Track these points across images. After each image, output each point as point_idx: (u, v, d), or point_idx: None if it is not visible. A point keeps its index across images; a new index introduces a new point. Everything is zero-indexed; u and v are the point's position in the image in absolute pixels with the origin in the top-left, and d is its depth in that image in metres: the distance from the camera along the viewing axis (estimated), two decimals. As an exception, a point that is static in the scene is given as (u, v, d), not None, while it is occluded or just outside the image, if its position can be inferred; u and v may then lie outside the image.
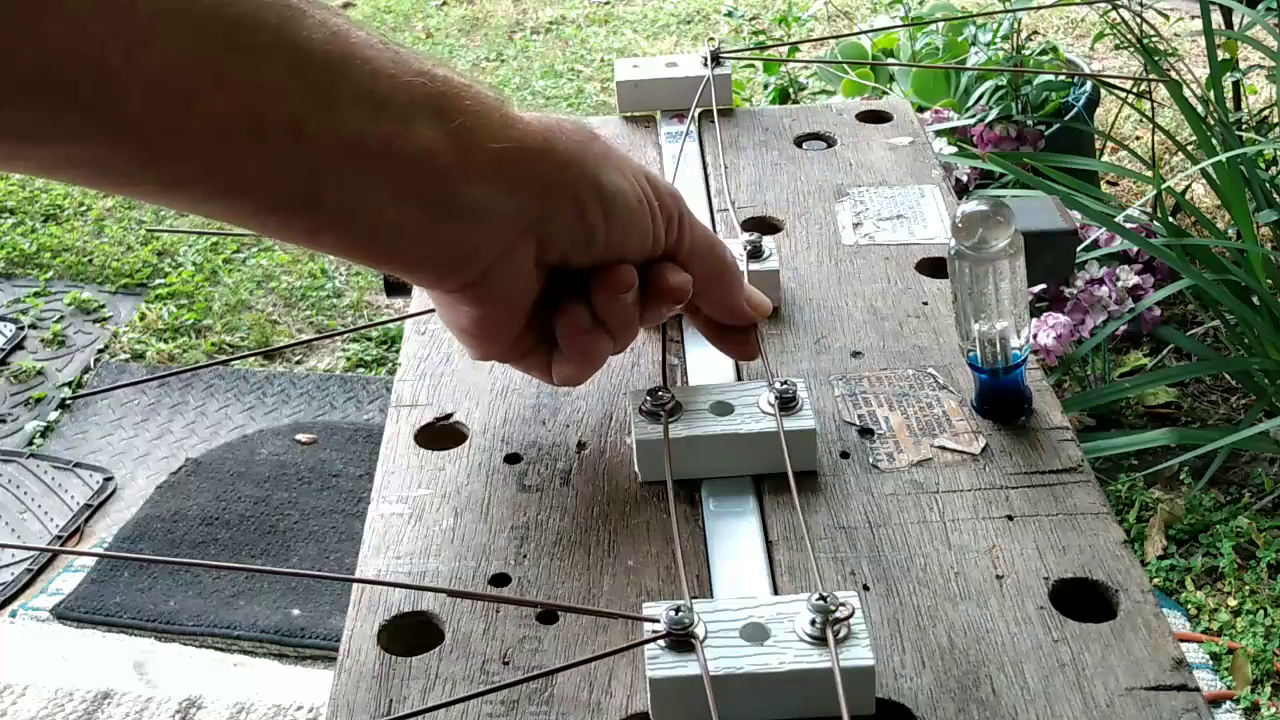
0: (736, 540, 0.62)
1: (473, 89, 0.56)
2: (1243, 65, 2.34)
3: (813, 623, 0.53)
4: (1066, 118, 2.30)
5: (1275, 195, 2.04)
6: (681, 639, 0.53)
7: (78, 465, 2.18)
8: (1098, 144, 2.50)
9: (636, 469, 0.66)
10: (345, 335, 2.49)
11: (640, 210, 0.61)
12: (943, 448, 0.67)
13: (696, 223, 0.65)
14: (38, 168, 0.50)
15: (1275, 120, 2.30)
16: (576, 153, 0.59)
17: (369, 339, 2.46)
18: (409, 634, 0.59)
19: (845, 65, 2.45)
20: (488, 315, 0.61)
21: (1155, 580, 1.80)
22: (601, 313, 0.62)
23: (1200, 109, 2.03)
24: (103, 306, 2.61)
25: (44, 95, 0.45)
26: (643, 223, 0.61)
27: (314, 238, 0.56)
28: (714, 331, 0.69)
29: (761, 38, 2.93)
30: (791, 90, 2.55)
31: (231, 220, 0.54)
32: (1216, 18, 2.25)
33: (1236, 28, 2.33)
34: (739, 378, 0.73)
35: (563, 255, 0.60)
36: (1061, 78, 2.34)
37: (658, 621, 0.54)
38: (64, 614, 1.85)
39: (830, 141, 0.96)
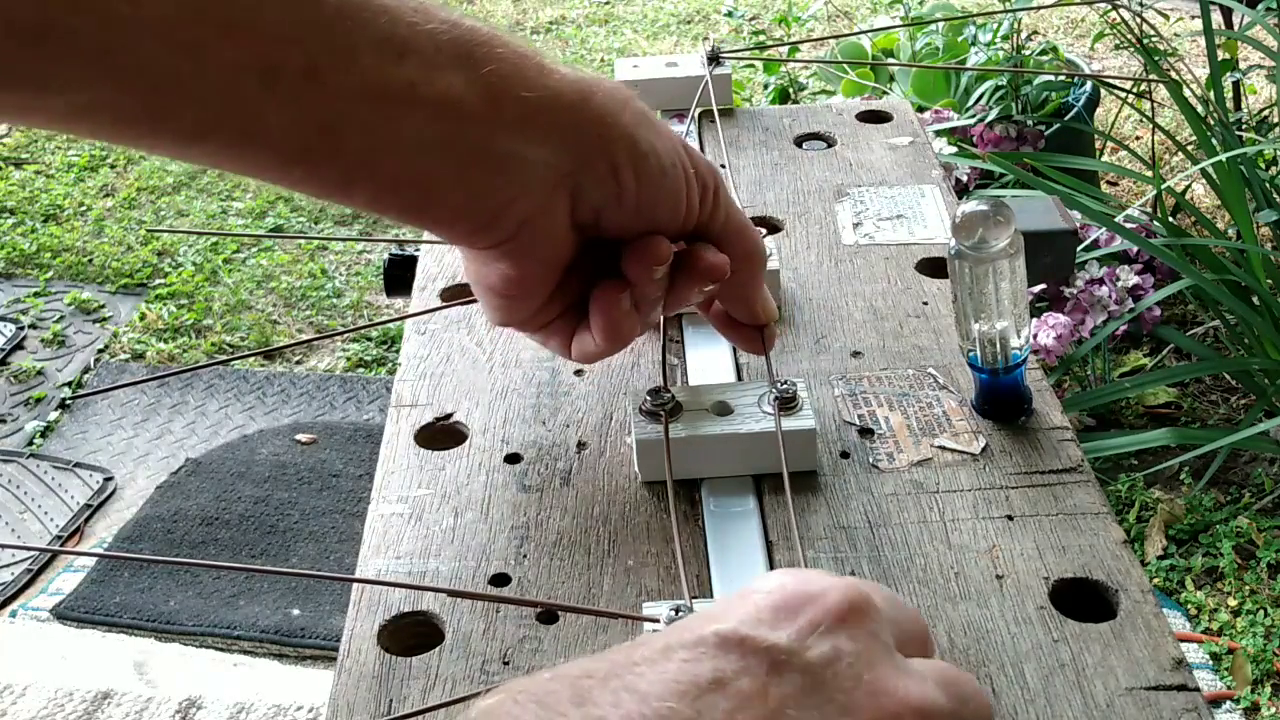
0: (736, 540, 0.62)
1: (505, 38, 0.55)
2: (1243, 65, 2.34)
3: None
4: (1066, 118, 2.30)
5: (1275, 195, 2.04)
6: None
7: (78, 465, 2.18)
8: (1098, 144, 2.50)
9: (636, 469, 0.66)
10: (345, 335, 2.49)
11: (674, 175, 0.59)
12: (943, 448, 0.67)
13: (733, 203, 0.63)
14: (56, 119, 0.49)
15: (1275, 120, 2.30)
16: (613, 108, 0.57)
17: (369, 339, 2.46)
18: (409, 634, 0.59)
19: (845, 65, 2.46)
20: (521, 274, 0.59)
21: (1155, 580, 1.80)
22: (633, 284, 0.60)
23: (1200, 109, 2.03)
24: (103, 306, 2.61)
25: (50, 42, 0.45)
26: (676, 187, 0.59)
27: (345, 191, 0.55)
28: (724, 322, 0.68)
29: (761, 38, 2.93)
30: (791, 90, 2.55)
31: (259, 175, 0.53)
32: (1216, 18, 2.25)
33: (1236, 28, 2.33)
34: (739, 378, 0.73)
35: (595, 213, 0.58)
36: (1061, 78, 2.34)
37: (658, 621, 0.54)
38: (64, 614, 1.85)
39: (830, 141, 0.96)
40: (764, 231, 0.79)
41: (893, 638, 0.39)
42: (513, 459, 0.68)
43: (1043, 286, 1.96)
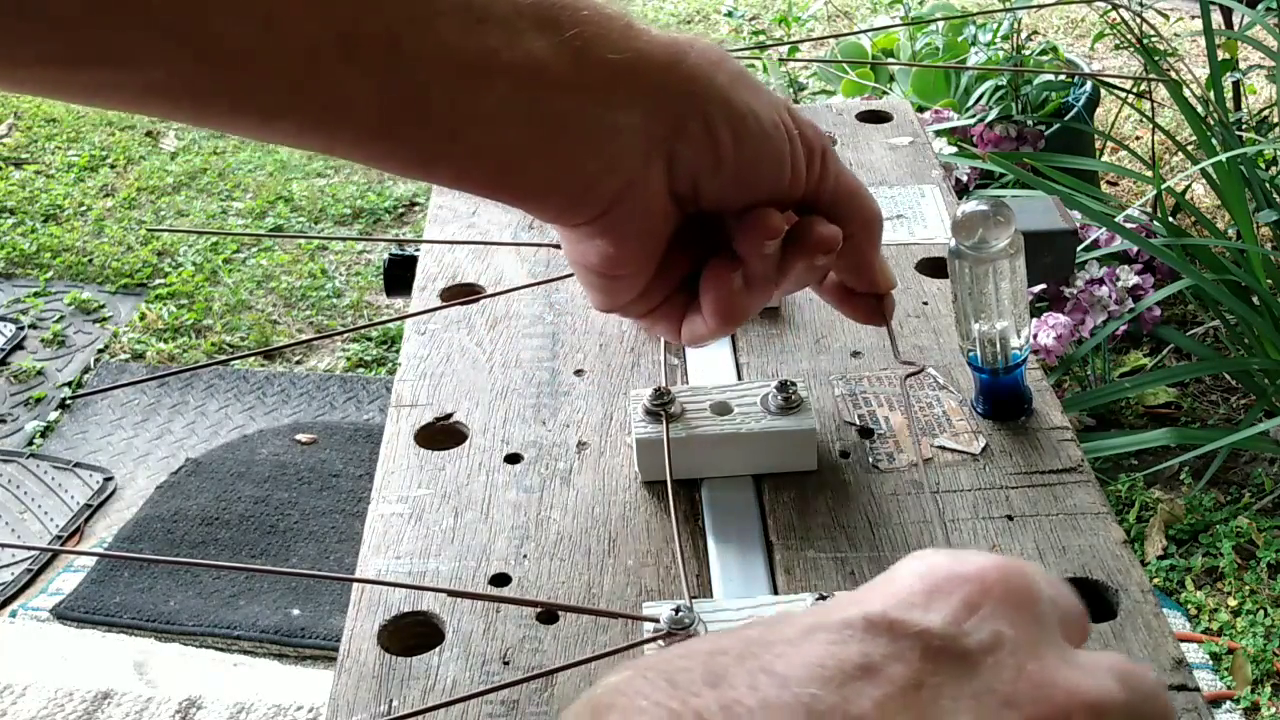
0: (736, 540, 0.62)
1: (590, 0, 0.53)
2: (1243, 65, 2.34)
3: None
4: (1066, 118, 2.30)
5: (1275, 195, 2.04)
6: (682, 639, 0.53)
7: (78, 465, 2.18)
8: (1098, 144, 2.50)
9: (636, 469, 0.66)
10: (345, 335, 2.49)
11: (776, 136, 0.55)
12: (943, 448, 0.67)
13: (843, 166, 0.59)
14: (131, 98, 0.48)
15: (1275, 120, 2.30)
16: (706, 68, 0.54)
17: (369, 339, 2.46)
18: (409, 634, 0.59)
19: (845, 65, 2.46)
20: (621, 252, 0.56)
21: (1155, 580, 1.80)
22: (744, 261, 0.57)
23: (1200, 109, 2.03)
24: (103, 306, 2.61)
25: (119, 16, 0.44)
26: (778, 150, 0.55)
27: (429, 166, 0.53)
28: (839, 294, 0.64)
29: (761, 38, 2.93)
30: (791, 90, 2.55)
31: (342, 152, 0.52)
32: (1216, 18, 2.25)
33: (1236, 28, 2.33)
34: (739, 378, 0.73)
35: (693, 181, 0.54)
36: (1061, 78, 2.34)
37: (658, 621, 0.54)
38: (64, 614, 1.85)
39: (830, 141, 0.96)
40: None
41: (1057, 624, 0.35)
42: (513, 459, 0.68)
43: (1043, 286, 1.97)
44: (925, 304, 0.78)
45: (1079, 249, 1.90)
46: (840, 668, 0.32)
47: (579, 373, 0.74)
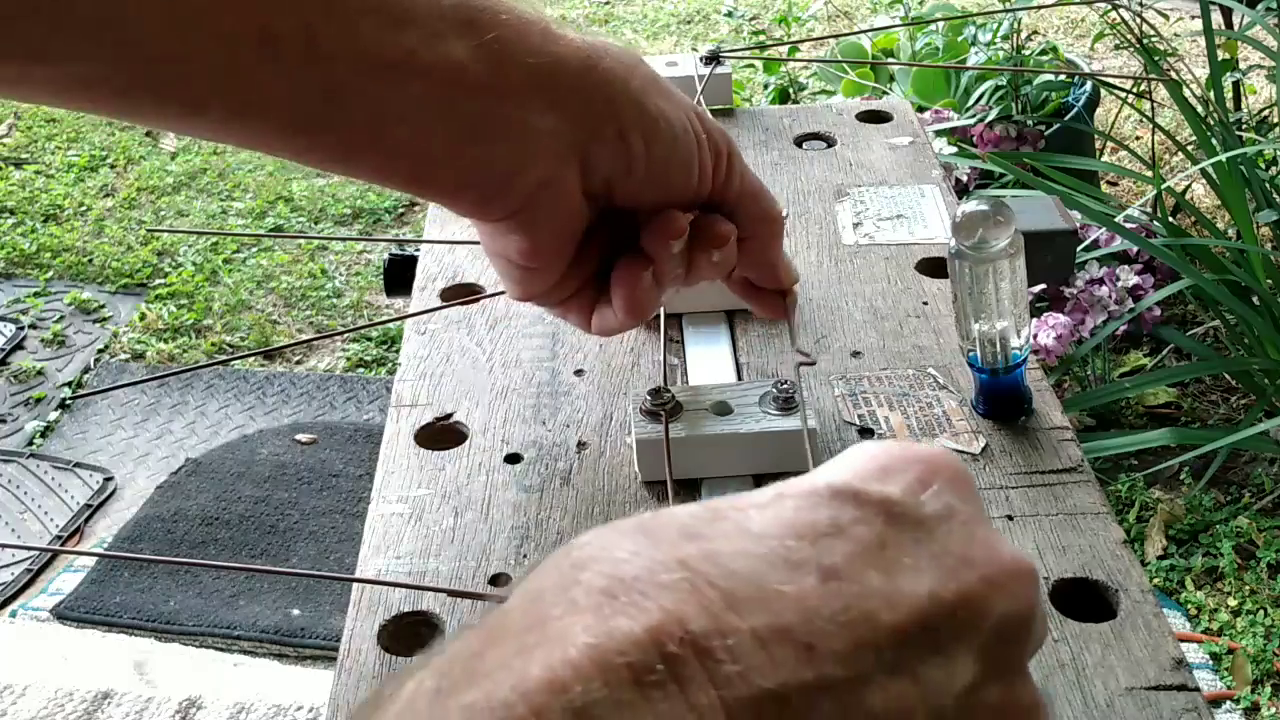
0: (736, 540, 0.62)
1: (510, 5, 0.54)
2: (1243, 65, 2.34)
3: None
4: (1066, 118, 2.30)
5: (1275, 195, 2.04)
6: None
7: (78, 465, 2.18)
8: (1098, 144, 2.50)
9: (636, 469, 0.66)
10: (345, 335, 2.49)
11: (685, 140, 0.58)
12: (943, 448, 0.67)
13: (747, 168, 0.62)
14: (51, 92, 0.49)
15: (1275, 120, 2.30)
16: (620, 72, 0.56)
17: (369, 339, 2.46)
18: (409, 634, 0.59)
19: (845, 65, 2.46)
20: (534, 246, 0.58)
21: (1155, 580, 1.80)
22: (653, 260, 0.60)
23: (1200, 109, 2.03)
24: (103, 306, 2.61)
25: (37, 10, 0.45)
26: (687, 152, 0.58)
27: (348, 161, 0.54)
28: (746, 289, 0.67)
29: (761, 38, 2.93)
30: (791, 90, 2.55)
31: (262, 146, 0.53)
32: (1216, 18, 2.25)
33: (1236, 28, 2.33)
34: (739, 378, 0.73)
35: (605, 182, 0.57)
36: (1061, 78, 2.34)
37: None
38: (64, 614, 1.85)
39: (830, 141, 0.96)
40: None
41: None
42: (513, 459, 0.68)
43: (1043, 286, 1.97)
44: (925, 304, 0.78)
45: (1079, 249, 1.90)
46: (811, 527, 0.35)
47: (579, 373, 0.74)
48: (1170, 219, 2.15)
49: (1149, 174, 2.19)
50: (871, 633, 0.33)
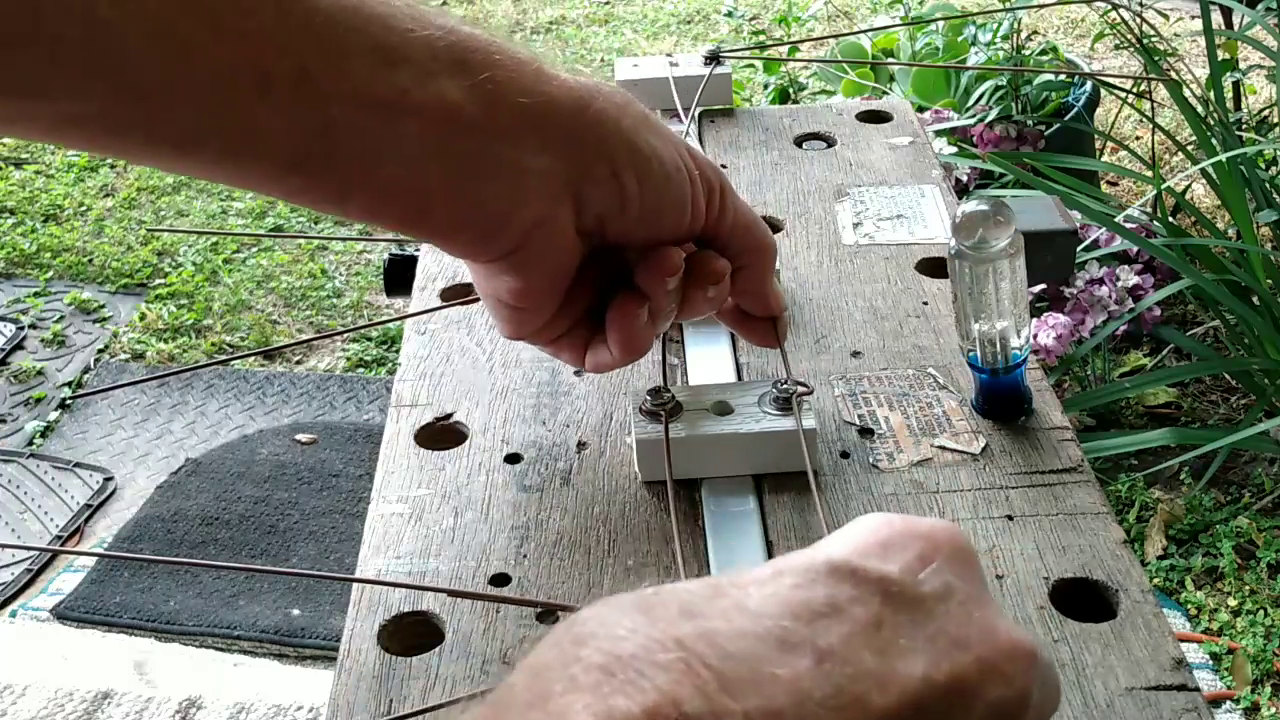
0: (736, 540, 0.62)
1: (503, 45, 0.54)
2: (1243, 65, 2.34)
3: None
4: (1066, 118, 2.30)
5: (1275, 195, 2.04)
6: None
7: (78, 465, 2.18)
8: (1098, 144, 2.50)
9: (636, 469, 0.66)
10: (345, 335, 2.49)
11: (678, 178, 0.58)
12: (943, 448, 0.67)
13: (739, 200, 0.62)
14: (44, 129, 0.49)
15: (1275, 120, 2.30)
16: (612, 112, 0.56)
17: (369, 339, 2.46)
18: (409, 634, 0.59)
19: (845, 65, 2.46)
20: (528, 286, 0.58)
21: (1155, 580, 1.80)
22: (648, 297, 0.60)
23: (1200, 109, 2.03)
24: (103, 306, 2.61)
25: (34, 48, 0.45)
26: (680, 190, 0.58)
27: (341, 201, 0.54)
28: (736, 317, 0.67)
29: (761, 38, 2.93)
30: (791, 90, 2.55)
31: (255, 186, 0.53)
32: (1216, 18, 2.25)
33: (1236, 28, 2.33)
34: (739, 378, 0.73)
35: (599, 221, 0.57)
36: (1061, 78, 2.34)
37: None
38: (64, 614, 1.85)
39: (830, 141, 0.96)
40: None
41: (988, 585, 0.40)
42: (513, 459, 0.68)
43: (1043, 286, 1.97)
44: (925, 304, 0.78)
45: (1079, 249, 1.90)
46: (808, 606, 0.35)
47: (579, 373, 0.74)
48: (1170, 219, 2.15)
49: (1149, 174, 2.19)
50: (863, 715, 0.33)
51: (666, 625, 0.34)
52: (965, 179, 2.18)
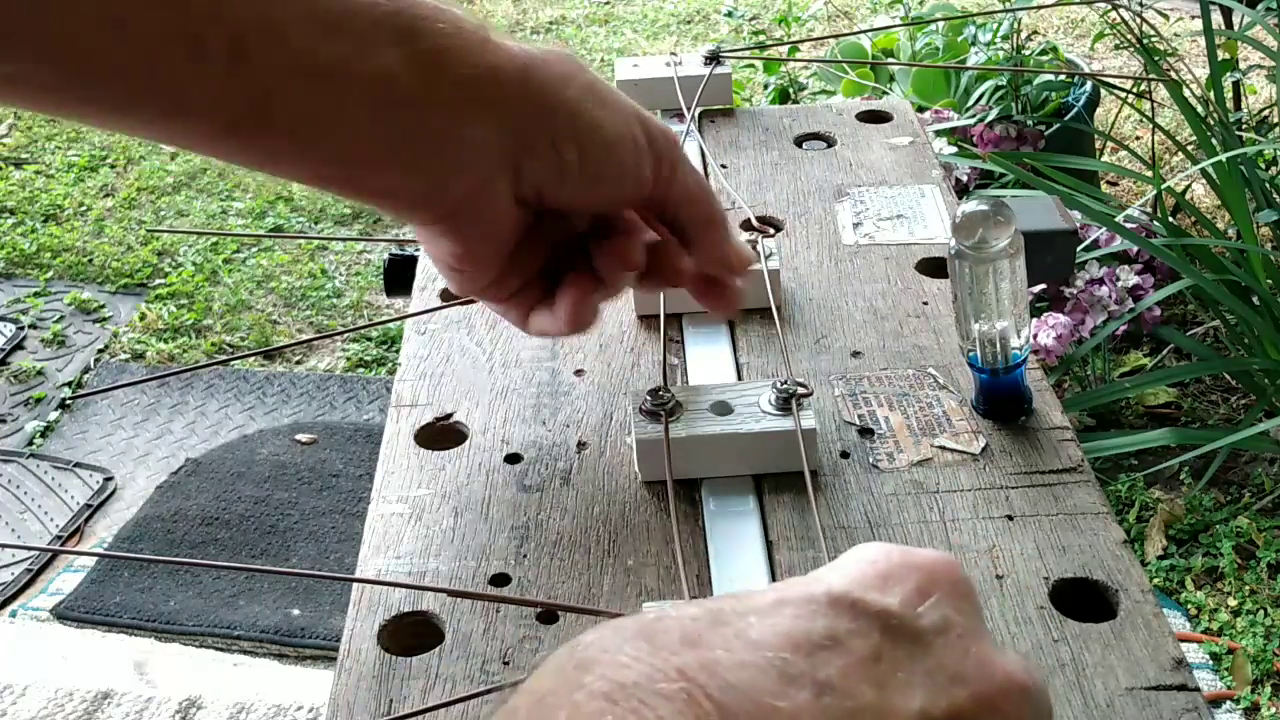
0: (736, 540, 0.62)
1: (450, 13, 0.54)
2: (1243, 65, 2.34)
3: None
4: (1066, 118, 2.30)
5: (1275, 195, 2.04)
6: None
7: (78, 465, 2.18)
8: (1098, 144, 2.50)
9: (636, 469, 0.66)
10: (345, 335, 2.49)
11: (620, 147, 0.58)
12: (943, 448, 0.67)
13: (691, 169, 0.62)
14: None
15: (1275, 120, 2.30)
16: (555, 83, 0.56)
17: (369, 339, 2.46)
18: (409, 634, 0.59)
19: (845, 65, 2.46)
20: (468, 250, 0.59)
21: (1155, 580, 1.80)
22: (605, 281, 0.61)
23: (1200, 109, 2.03)
24: (103, 306, 2.61)
25: None
26: (622, 160, 0.58)
27: (277, 167, 0.55)
28: (697, 286, 0.66)
29: (761, 38, 2.93)
30: (791, 90, 2.55)
31: (193, 146, 0.53)
32: (1216, 18, 2.25)
33: (1236, 28, 2.33)
34: (739, 378, 0.73)
35: (536, 190, 0.57)
36: (1061, 78, 2.34)
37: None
38: (64, 614, 1.85)
39: (830, 141, 0.96)
40: (757, 236, 0.78)
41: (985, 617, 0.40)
42: (513, 459, 0.68)
43: (1043, 286, 1.97)
44: (925, 304, 0.78)
45: (1079, 249, 1.90)
46: (808, 638, 0.35)
47: (579, 373, 0.74)
48: (1170, 219, 2.15)
49: (1149, 174, 2.19)
50: None
51: (669, 654, 0.34)
52: (965, 179, 2.18)
